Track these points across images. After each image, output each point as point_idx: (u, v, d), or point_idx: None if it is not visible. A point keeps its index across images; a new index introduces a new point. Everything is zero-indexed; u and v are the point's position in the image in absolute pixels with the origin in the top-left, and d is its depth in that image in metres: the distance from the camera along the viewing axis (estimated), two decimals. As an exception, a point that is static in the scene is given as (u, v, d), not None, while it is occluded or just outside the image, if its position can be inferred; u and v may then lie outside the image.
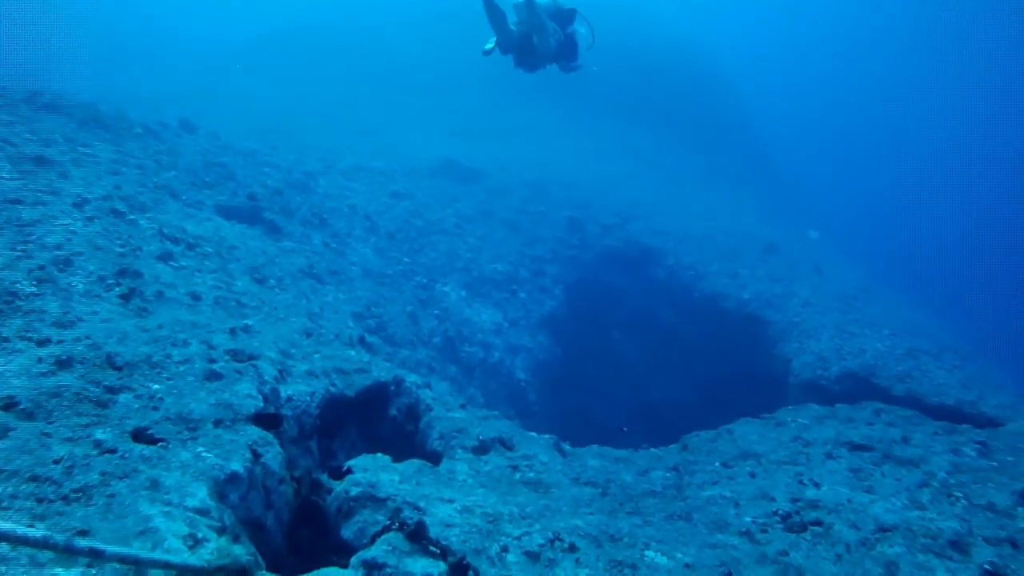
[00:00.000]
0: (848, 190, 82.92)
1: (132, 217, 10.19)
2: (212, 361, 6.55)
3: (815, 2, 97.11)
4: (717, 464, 8.99)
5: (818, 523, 6.84)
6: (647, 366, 21.19)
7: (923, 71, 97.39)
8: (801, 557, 6.20)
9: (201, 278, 9.13)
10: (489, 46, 12.17)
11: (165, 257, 9.16)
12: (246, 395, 6.15)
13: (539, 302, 18.78)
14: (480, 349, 15.93)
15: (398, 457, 7.65)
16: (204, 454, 5.23)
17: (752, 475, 8.39)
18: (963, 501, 7.47)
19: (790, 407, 12.06)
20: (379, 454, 6.83)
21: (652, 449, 10.34)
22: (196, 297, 8.26)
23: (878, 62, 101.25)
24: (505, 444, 7.67)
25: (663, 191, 27.79)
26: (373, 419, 8.17)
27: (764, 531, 6.72)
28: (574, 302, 20.04)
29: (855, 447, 9.16)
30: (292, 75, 37.01)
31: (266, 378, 6.69)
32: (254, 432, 5.75)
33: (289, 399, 6.88)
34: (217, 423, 5.64)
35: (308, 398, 7.07)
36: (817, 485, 7.79)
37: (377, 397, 8.10)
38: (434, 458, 7.48)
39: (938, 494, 7.63)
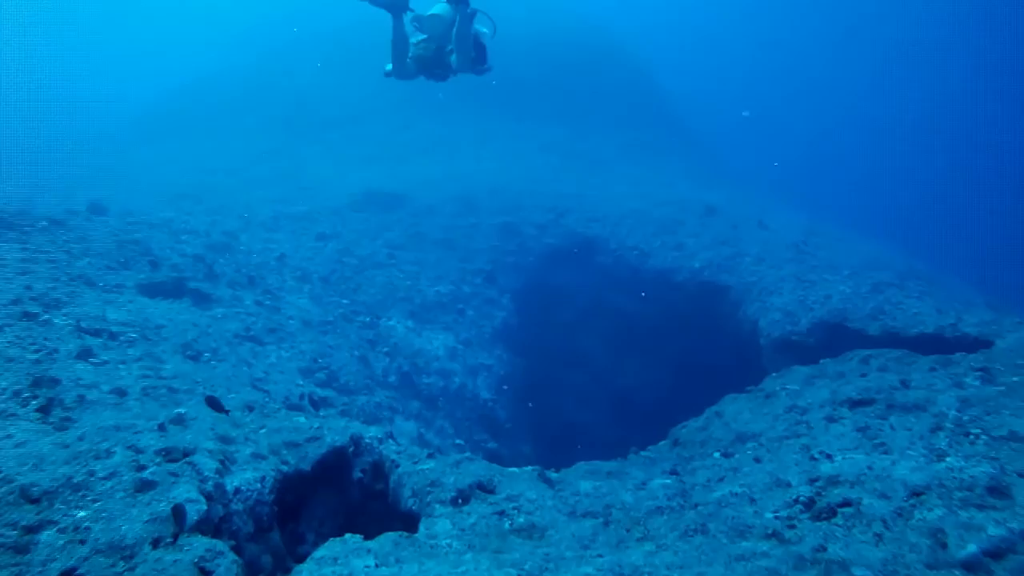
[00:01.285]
0: (770, 142, 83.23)
1: (46, 317, 9.48)
2: (141, 468, 5.77)
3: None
4: (716, 455, 8.34)
5: (846, 503, 6.24)
6: (611, 356, 20.71)
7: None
8: (840, 548, 5.58)
9: (126, 369, 8.41)
10: (389, 67, 11.82)
11: (84, 354, 8.45)
12: (185, 500, 5.40)
13: (489, 316, 18.19)
14: (439, 378, 15.32)
15: (373, 523, 7.02)
16: (144, 588, 4.57)
17: (757, 460, 7.78)
18: (984, 437, 6.93)
19: (775, 374, 11.51)
20: (348, 536, 6.06)
21: (643, 452, 9.75)
22: (121, 393, 7.52)
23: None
24: (485, 488, 6.99)
25: (590, 178, 27.34)
26: (338, 487, 7.44)
27: (792, 526, 6.10)
28: (524, 308, 19.49)
29: (855, 403, 8.59)
30: (202, 131, 36.29)
31: (206, 473, 5.92)
32: (200, 544, 5.04)
33: (237, 491, 6.10)
34: (156, 543, 4.89)
35: (259, 485, 6.29)
36: (830, 457, 7.17)
37: (336, 464, 7.38)
38: (410, 520, 6.79)
39: (955, 435, 7.08)
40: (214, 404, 7.46)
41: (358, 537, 6.03)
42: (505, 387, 16.68)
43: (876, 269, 17.48)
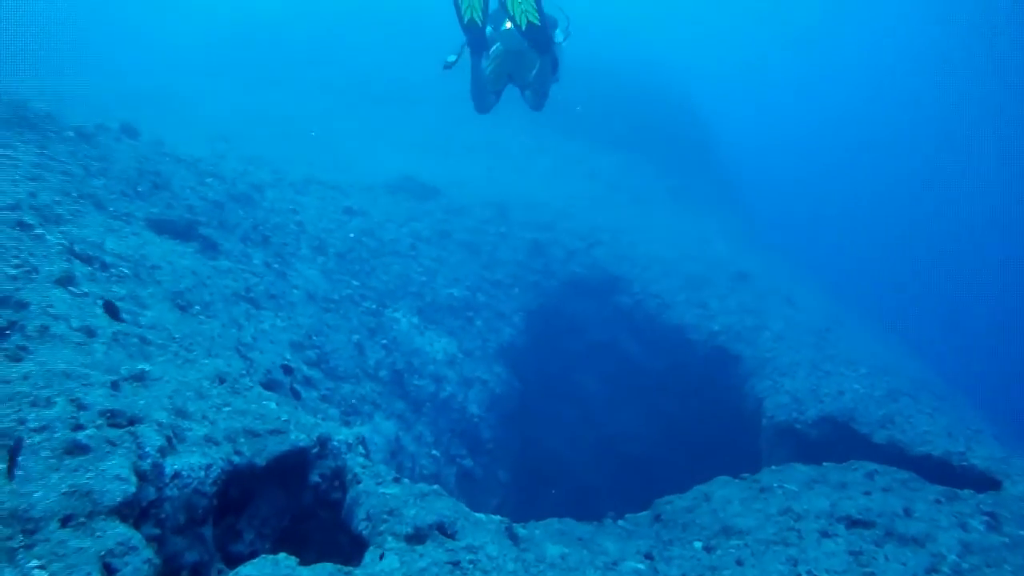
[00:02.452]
0: (813, 214, 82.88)
1: (40, 231, 8.93)
2: (78, 428, 5.16)
3: (786, 27, 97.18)
4: (698, 545, 7.80)
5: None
6: (610, 399, 20.20)
7: (896, 96, 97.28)
8: None
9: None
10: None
11: (65, 281, 7.86)
12: (114, 476, 4.75)
13: (497, 330, 17.65)
14: (431, 382, 14.78)
15: (319, 534, 6.49)
16: (35, 573, 4.01)
17: (739, 563, 7.23)
18: None
19: (774, 467, 10.94)
20: (282, 557, 5.44)
21: (620, 522, 9.20)
22: (90, 333, 6.92)
23: (849, 88, 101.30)
24: (446, 531, 6.39)
25: (628, 215, 26.74)
26: (291, 488, 6.86)
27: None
28: (534, 330, 18.95)
29: (853, 523, 8.10)
30: (251, 81, 35.90)
31: (147, 449, 5.34)
32: (115, 533, 4.42)
33: (176, 476, 5.47)
34: (66, 520, 4.29)
35: (202, 473, 5.66)
36: None
37: (295, 464, 6.79)
38: (358, 544, 6.24)
39: None
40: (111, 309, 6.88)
41: (292, 562, 5.43)
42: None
43: (893, 374, 16.87)
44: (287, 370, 10.50)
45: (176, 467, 5.58)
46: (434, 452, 13.87)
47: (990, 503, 9.16)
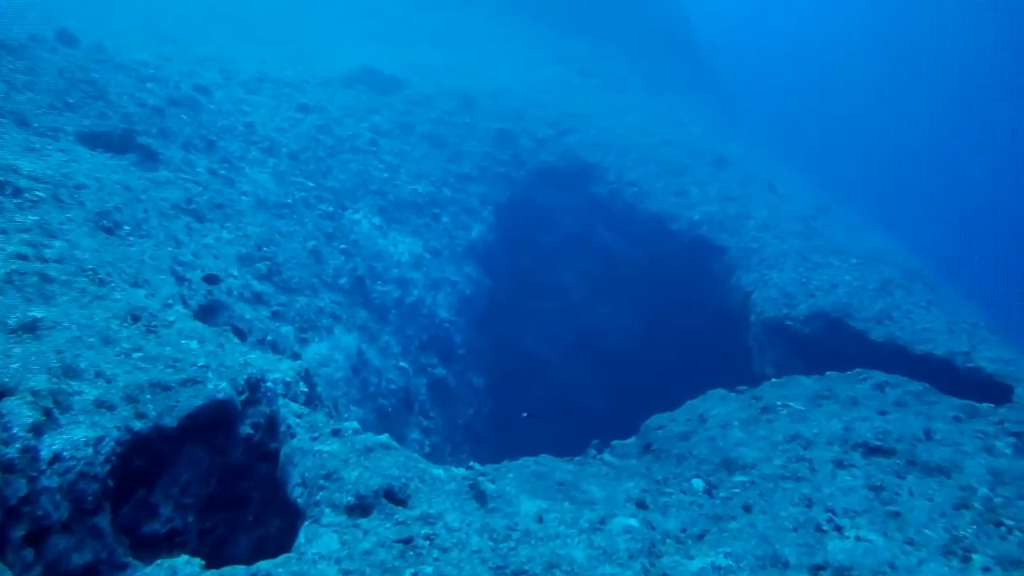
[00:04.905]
0: (794, 100, 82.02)
1: (-63, 159, 8.12)
2: None
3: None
4: (697, 486, 6.82)
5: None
6: (588, 293, 19.48)
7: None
8: None
9: (4, 240, 7.06)
10: None
11: (-42, 213, 7.08)
12: None
13: (465, 226, 16.85)
14: (396, 287, 14.02)
15: (258, 494, 5.77)
16: None
17: (747, 508, 6.34)
18: (1017, 533, 5.79)
19: (774, 380, 10.06)
20: (182, 561, 4.55)
21: (606, 455, 8.35)
22: (-25, 276, 6.17)
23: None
24: (395, 497, 5.41)
25: (602, 100, 25.73)
26: (216, 443, 5.93)
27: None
28: (505, 225, 18.14)
29: (871, 450, 7.32)
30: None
31: (15, 431, 4.48)
32: None
33: (56, 459, 4.56)
34: None
35: (89, 451, 4.72)
36: (839, 530, 5.91)
37: (216, 420, 5.84)
38: (294, 515, 5.45)
39: (984, 523, 5.92)
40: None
41: (196, 564, 4.59)
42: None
43: (885, 263, 16.18)
44: (211, 279, 9.60)
45: (55, 447, 4.66)
46: (402, 364, 13.16)
47: (1014, 420, 8.34)
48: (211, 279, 9.55)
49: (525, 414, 13.78)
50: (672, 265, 17.90)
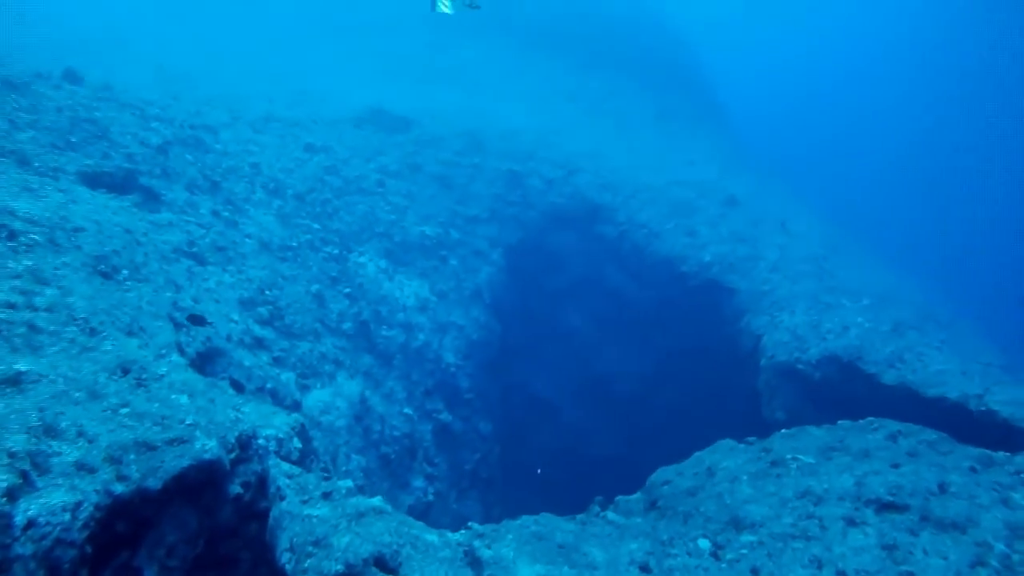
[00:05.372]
0: (805, 138, 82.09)
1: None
2: None
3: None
4: (704, 546, 6.56)
5: None
6: (596, 336, 19.25)
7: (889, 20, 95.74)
8: None
9: (-8, 286, 6.80)
10: None
11: (-55, 258, 6.85)
12: None
13: (473, 269, 16.65)
14: (401, 331, 13.79)
15: (248, 554, 5.48)
16: None
17: (754, 572, 6.11)
18: None
19: (784, 431, 9.71)
20: None
21: (610, 513, 8.02)
22: (-40, 325, 5.94)
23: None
24: (386, 565, 5.06)
25: (612, 139, 25.57)
26: (204, 503, 5.65)
27: None
28: (514, 267, 17.94)
29: (883, 506, 6.98)
30: (214, 18, 34.46)
31: None
32: None
33: (30, 525, 4.31)
34: None
35: (67, 516, 4.48)
36: None
37: (203, 481, 5.55)
38: None
39: None
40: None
41: None
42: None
43: (897, 303, 15.98)
44: (196, 320, 9.30)
45: (31, 512, 4.41)
46: (406, 410, 12.90)
47: None
48: (196, 320, 9.27)
49: (539, 471, 13.61)
50: (682, 307, 17.68)
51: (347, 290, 13.34)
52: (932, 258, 51.97)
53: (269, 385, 9.63)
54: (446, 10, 11.02)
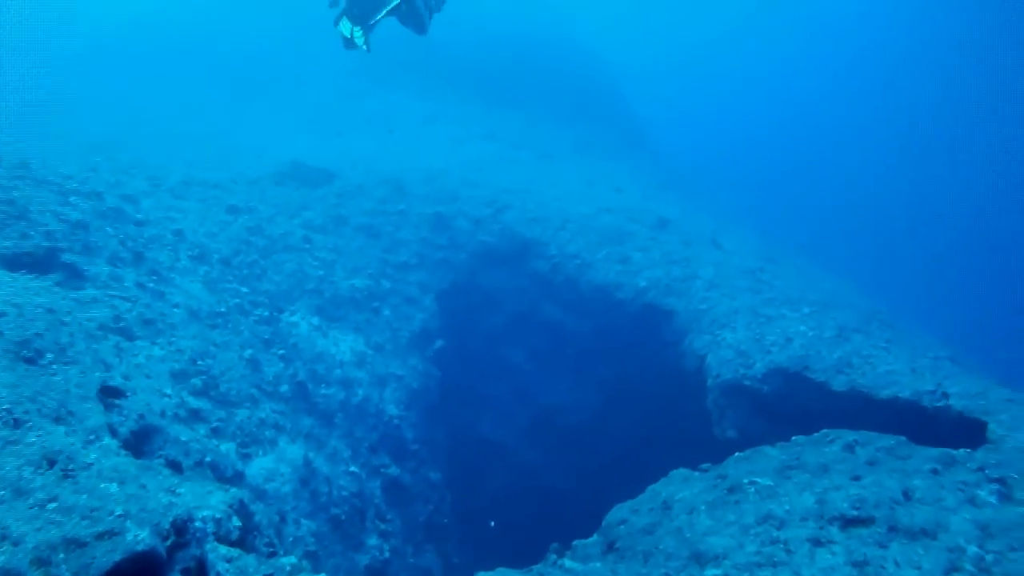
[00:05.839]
0: (726, 157, 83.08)
1: None
2: None
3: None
4: None
5: None
6: (539, 372, 19.13)
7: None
8: None
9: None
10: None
11: None
12: None
13: (407, 317, 16.50)
14: (340, 388, 13.59)
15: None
16: None
17: None
18: None
19: (738, 455, 9.61)
20: None
21: (567, 560, 7.90)
22: None
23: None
24: None
25: (537, 172, 25.57)
26: None
27: None
28: (448, 311, 17.83)
29: (848, 522, 6.94)
30: (126, 83, 34.01)
31: None
32: None
33: None
34: None
35: None
36: None
37: (137, 573, 5.21)
38: None
39: None
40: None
41: None
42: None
43: (838, 307, 16.08)
44: (112, 392, 9.01)
45: None
46: (352, 468, 12.68)
47: (993, 464, 8.00)
48: (111, 392, 9.01)
49: (492, 523, 13.54)
50: (622, 335, 17.63)
51: (281, 351, 13.14)
52: (866, 260, 52.72)
53: (209, 458, 9.41)
54: (363, 47, 10.98)
